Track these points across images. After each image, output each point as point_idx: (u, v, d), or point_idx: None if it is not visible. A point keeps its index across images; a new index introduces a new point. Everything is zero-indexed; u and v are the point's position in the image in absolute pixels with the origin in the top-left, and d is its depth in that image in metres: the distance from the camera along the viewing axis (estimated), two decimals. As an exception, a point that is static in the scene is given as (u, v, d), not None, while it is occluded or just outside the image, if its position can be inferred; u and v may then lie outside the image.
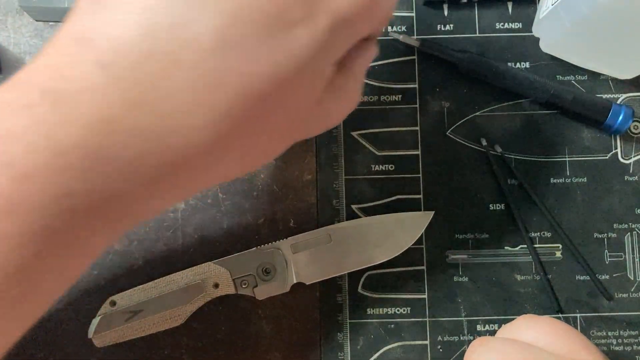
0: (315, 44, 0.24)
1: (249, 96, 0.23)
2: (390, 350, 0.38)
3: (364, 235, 0.38)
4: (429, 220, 0.38)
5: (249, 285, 0.37)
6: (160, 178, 0.23)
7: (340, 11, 0.24)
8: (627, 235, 0.39)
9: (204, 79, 0.22)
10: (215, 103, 0.23)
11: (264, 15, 0.23)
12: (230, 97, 0.23)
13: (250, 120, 0.24)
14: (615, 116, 0.38)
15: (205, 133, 0.23)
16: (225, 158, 0.25)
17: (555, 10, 0.36)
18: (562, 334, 0.29)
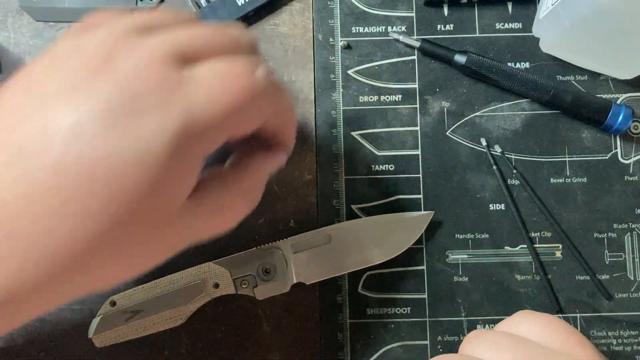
0: (168, 136, 0.23)
1: (106, 187, 0.23)
2: (390, 350, 0.38)
3: (364, 235, 0.38)
4: (429, 221, 0.38)
5: (249, 285, 0.37)
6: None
7: (196, 109, 0.24)
8: (627, 235, 0.39)
9: (50, 170, 0.22)
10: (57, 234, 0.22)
11: (122, 104, 0.23)
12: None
13: (114, 208, 0.23)
14: (615, 116, 0.38)
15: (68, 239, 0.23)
16: (80, 279, 0.24)
17: (555, 10, 0.36)
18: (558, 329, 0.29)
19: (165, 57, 0.24)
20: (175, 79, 0.24)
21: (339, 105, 0.40)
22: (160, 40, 0.24)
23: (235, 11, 0.40)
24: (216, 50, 0.26)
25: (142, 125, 0.23)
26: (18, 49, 0.40)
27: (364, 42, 0.40)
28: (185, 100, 0.24)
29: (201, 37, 0.26)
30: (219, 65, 0.25)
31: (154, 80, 0.23)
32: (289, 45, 0.41)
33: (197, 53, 0.25)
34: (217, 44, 0.26)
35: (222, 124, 0.25)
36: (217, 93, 0.24)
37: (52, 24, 0.40)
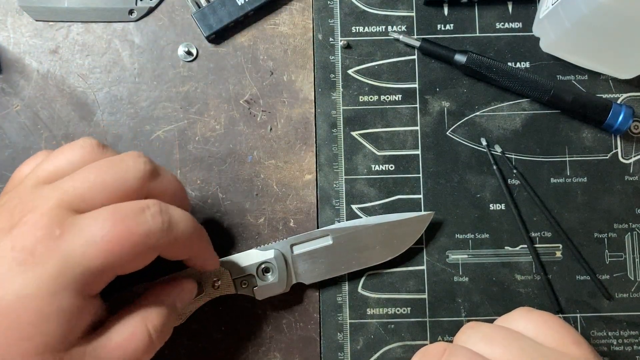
0: (41, 284, 0.26)
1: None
2: (390, 350, 0.38)
3: (364, 236, 0.38)
4: (429, 222, 0.38)
5: (249, 285, 0.37)
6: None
7: (71, 258, 0.26)
8: (627, 235, 0.39)
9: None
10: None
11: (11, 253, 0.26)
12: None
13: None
14: (616, 116, 0.38)
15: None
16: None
17: (555, 10, 0.36)
18: (554, 327, 0.29)
19: (54, 209, 0.27)
20: (57, 232, 0.27)
21: (339, 105, 0.40)
22: (52, 193, 0.28)
23: (235, 11, 0.40)
24: (105, 195, 0.28)
25: (28, 270, 0.26)
26: (18, 48, 0.40)
27: (364, 42, 0.40)
28: (61, 249, 0.26)
29: (91, 185, 0.28)
30: (100, 216, 0.27)
31: (41, 231, 0.26)
32: (289, 45, 0.40)
33: (87, 201, 0.28)
34: (106, 189, 0.28)
35: (102, 270, 0.27)
36: (94, 242, 0.27)
37: (52, 24, 0.40)
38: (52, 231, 0.27)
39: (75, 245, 0.27)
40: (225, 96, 0.40)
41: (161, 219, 0.28)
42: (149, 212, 0.28)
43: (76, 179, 0.28)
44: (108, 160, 0.29)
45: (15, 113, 0.39)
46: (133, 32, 0.40)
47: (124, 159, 0.29)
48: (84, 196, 0.28)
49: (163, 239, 0.28)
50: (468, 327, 0.30)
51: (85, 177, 0.28)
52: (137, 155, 0.30)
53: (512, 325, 0.30)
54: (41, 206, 0.27)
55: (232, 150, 0.40)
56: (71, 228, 0.27)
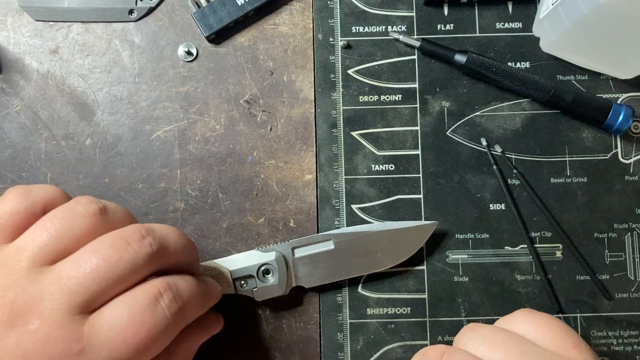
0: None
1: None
2: (390, 350, 0.38)
3: (366, 242, 0.38)
4: (432, 231, 0.38)
5: (249, 286, 0.37)
6: None
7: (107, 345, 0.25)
8: (627, 235, 0.39)
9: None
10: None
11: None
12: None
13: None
14: (616, 116, 0.38)
15: None
16: None
17: (556, 10, 0.36)
18: (555, 330, 0.29)
19: (65, 313, 0.25)
20: (75, 348, 0.25)
21: (339, 105, 0.40)
22: (59, 291, 0.25)
23: (235, 11, 0.40)
24: (115, 284, 0.26)
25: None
26: (18, 48, 0.40)
27: (364, 42, 0.40)
28: (92, 354, 0.25)
29: (101, 281, 0.26)
30: (118, 312, 0.26)
31: (58, 349, 0.24)
32: (289, 45, 0.40)
33: (98, 298, 0.26)
34: (114, 278, 0.26)
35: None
36: (120, 346, 0.25)
37: (52, 24, 0.40)
38: (71, 347, 0.25)
39: (99, 355, 0.25)
40: (225, 96, 0.40)
41: (176, 306, 0.27)
42: (163, 303, 0.27)
43: (83, 275, 0.26)
44: (112, 247, 0.27)
45: (15, 113, 0.39)
46: (133, 32, 0.40)
47: (130, 243, 0.27)
48: (95, 294, 0.26)
49: (181, 323, 0.28)
50: (468, 329, 0.30)
51: (93, 274, 0.26)
52: (140, 238, 0.28)
53: (513, 327, 0.30)
54: (49, 312, 0.25)
55: (232, 150, 0.40)
56: (91, 342, 0.25)
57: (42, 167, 0.39)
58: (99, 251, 0.26)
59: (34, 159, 0.39)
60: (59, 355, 0.25)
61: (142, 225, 0.28)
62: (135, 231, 0.28)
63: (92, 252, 0.26)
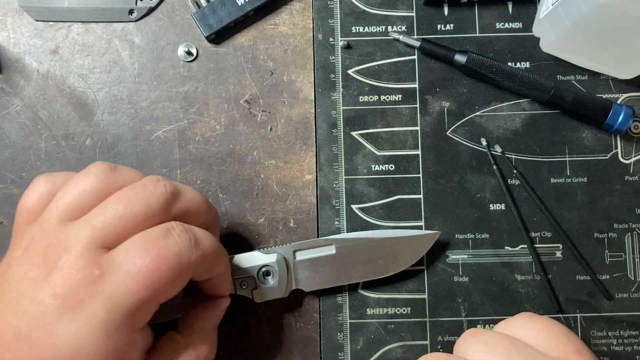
0: (99, 323, 0.27)
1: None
2: (390, 350, 0.38)
3: (368, 249, 0.37)
4: (434, 241, 0.38)
5: (248, 287, 0.37)
6: None
7: (116, 297, 0.27)
8: (627, 235, 0.39)
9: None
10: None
11: (52, 305, 0.27)
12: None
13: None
14: (616, 116, 0.38)
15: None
16: None
17: (556, 10, 0.36)
18: (556, 335, 0.29)
19: (88, 250, 0.28)
20: (96, 272, 0.27)
21: (339, 105, 0.40)
22: (83, 231, 0.28)
23: (235, 11, 0.40)
24: (133, 225, 0.29)
25: (76, 319, 0.27)
26: (18, 48, 0.40)
27: (364, 42, 0.40)
28: (105, 290, 0.27)
29: (120, 218, 0.28)
30: (133, 247, 0.28)
31: (80, 276, 0.27)
32: (289, 45, 0.40)
33: (118, 235, 0.28)
34: (134, 220, 0.29)
35: (147, 300, 0.28)
36: (134, 275, 0.27)
37: (52, 24, 0.40)
38: (92, 273, 0.27)
39: (117, 282, 0.27)
40: (225, 96, 0.40)
41: (187, 237, 0.29)
42: (175, 233, 0.29)
43: (104, 213, 0.29)
44: (131, 189, 0.30)
45: (15, 113, 0.39)
46: (133, 32, 0.40)
47: (146, 185, 0.30)
48: (115, 230, 0.28)
49: (193, 255, 0.29)
50: (469, 335, 0.30)
51: (113, 211, 0.29)
52: (156, 180, 0.30)
53: (514, 331, 0.29)
54: (74, 246, 0.28)
55: (232, 150, 0.40)
56: (109, 266, 0.27)
57: (42, 167, 0.39)
58: (119, 195, 0.29)
59: (34, 159, 0.39)
60: (81, 281, 0.27)
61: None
62: (150, 178, 0.30)
63: (114, 197, 0.29)
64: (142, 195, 0.29)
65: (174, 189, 0.31)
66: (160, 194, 0.30)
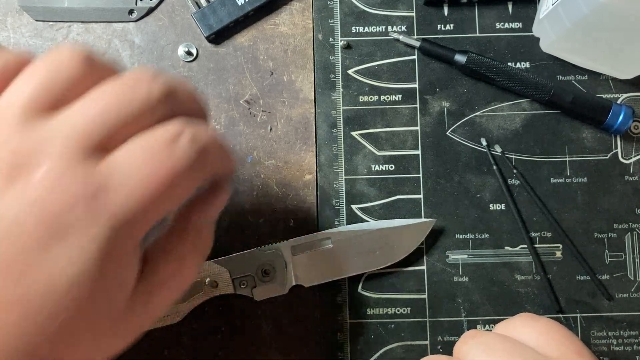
0: (97, 246, 0.22)
1: (37, 314, 0.22)
2: (390, 350, 0.38)
3: (365, 241, 0.38)
4: (430, 228, 0.38)
5: (248, 286, 0.37)
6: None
7: (119, 210, 0.22)
8: (627, 235, 0.39)
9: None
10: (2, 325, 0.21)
11: (37, 228, 0.21)
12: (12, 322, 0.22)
13: (50, 331, 0.22)
14: (616, 116, 0.38)
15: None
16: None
17: (556, 10, 0.36)
18: (557, 336, 0.28)
19: (78, 154, 0.22)
20: (92, 183, 0.22)
21: (339, 105, 0.40)
22: (61, 131, 0.22)
23: (235, 11, 0.40)
24: (129, 122, 0.23)
25: (68, 246, 0.22)
26: (18, 48, 0.40)
27: (364, 42, 0.40)
28: (107, 205, 0.22)
29: (111, 114, 0.23)
30: (134, 151, 0.23)
31: (71, 191, 0.22)
32: (289, 45, 0.41)
33: (111, 135, 0.23)
34: (128, 115, 0.23)
35: (151, 211, 0.23)
36: (138, 186, 0.23)
37: (52, 24, 0.40)
38: (83, 190, 0.22)
39: (119, 199, 0.22)
40: (225, 96, 0.40)
41: (196, 146, 0.24)
42: (183, 141, 0.24)
43: (90, 107, 0.23)
44: (118, 84, 0.24)
45: (15, 113, 0.39)
46: (133, 32, 0.40)
47: (139, 78, 0.24)
48: (106, 131, 0.23)
49: (199, 167, 0.24)
50: (469, 337, 0.30)
51: (105, 109, 0.23)
52: (151, 72, 0.24)
53: (514, 332, 0.29)
54: (56, 151, 0.22)
55: (232, 150, 0.39)
56: (107, 178, 0.22)
57: (42, 167, 0.39)
58: (107, 90, 0.23)
59: (34, 158, 0.39)
60: (70, 201, 0.21)
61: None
62: (144, 70, 0.25)
63: (100, 92, 0.23)
64: (138, 90, 0.24)
65: (171, 83, 0.25)
66: (159, 89, 0.24)
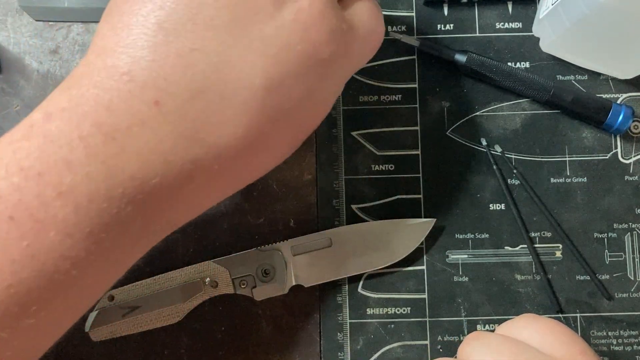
0: (338, 88, 0.29)
1: (293, 119, 0.27)
2: (390, 350, 0.38)
3: (364, 240, 0.38)
4: (430, 228, 0.38)
5: (248, 286, 0.37)
6: (204, 185, 0.26)
7: (357, 60, 0.29)
8: (627, 235, 0.39)
9: (252, 113, 0.25)
10: (265, 131, 0.26)
11: (299, 54, 0.25)
12: (279, 125, 0.26)
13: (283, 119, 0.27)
14: (616, 116, 0.38)
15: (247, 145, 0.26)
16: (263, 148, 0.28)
17: (555, 10, 0.36)
18: (560, 336, 0.28)
19: (328, 2, 0.26)
20: (342, 28, 0.26)
21: (339, 105, 0.40)
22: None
23: (235, 11, 0.39)
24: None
25: (324, 75, 0.27)
26: (18, 48, 0.40)
27: (364, 42, 0.40)
28: (350, 51, 0.27)
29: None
30: (370, 10, 0.28)
31: (330, 32, 0.26)
32: (289, 45, 0.40)
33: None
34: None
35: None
36: (371, 42, 0.29)
37: (52, 24, 0.40)
38: (339, 24, 0.27)
39: (360, 44, 0.28)
40: (225, 96, 0.40)
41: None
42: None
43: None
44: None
45: (15, 113, 0.39)
46: (133, 32, 0.40)
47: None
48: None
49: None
50: (472, 338, 0.30)
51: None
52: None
53: (517, 333, 0.29)
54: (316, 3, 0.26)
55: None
56: (350, 27, 0.28)
57: (42, 167, 0.39)
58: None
59: (34, 158, 0.39)
60: (333, 30, 0.26)
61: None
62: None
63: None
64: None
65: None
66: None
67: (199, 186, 0.26)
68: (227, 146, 0.25)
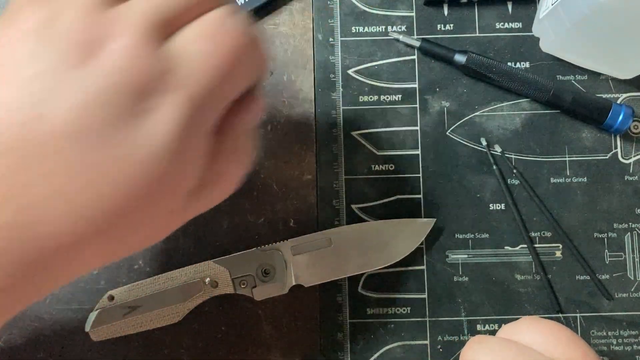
0: (177, 121, 0.23)
1: (113, 185, 0.22)
2: (390, 350, 0.38)
3: (364, 240, 0.38)
4: (430, 228, 0.38)
5: (248, 286, 0.37)
6: (35, 264, 0.23)
7: (194, 84, 0.23)
8: (627, 235, 0.39)
9: (61, 169, 0.22)
10: (76, 193, 0.22)
11: (119, 98, 0.22)
12: (93, 187, 0.22)
13: (121, 205, 0.23)
14: (615, 116, 0.38)
15: (71, 222, 0.22)
16: (104, 241, 0.24)
17: (555, 10, 0.36)
18: (563, 339, 0.28)
19: (148, 33, 0.22)
20: (164, 58, 0.22)
21: (339, 105, 0.40)
22: (136, 12, 0.22)
23: (235, 11, 0.39)
24: (192, 5, 0.24)
25: (153, 114, 0.22)
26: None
27: (364, 42, 0.40)
28: (181, 78, 0.23)
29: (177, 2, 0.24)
30: (203, 27, 0.24)
31: (145, 67, 0.22)
32: (289, 45, 0.41)
33: (176, 16, 0.23)
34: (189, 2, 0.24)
35: (222, 90, 0.24)
36: (210, 59, 0.23)
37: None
38: (153, 67, 0.22)
39: (191, 71, 0.23)
40: (225, 96, 0.40)
41: (246, 24, 0.25)
42: (232, 21, 0.24)
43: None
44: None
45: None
46: (133, 32, 0.40)
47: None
48: (170, 11, 0.23)
49: (253, 37, 0.25)
50: (475, 342, 0.30)
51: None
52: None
53: (520, 337, 0.29)
54: (125, 29, 0.22)
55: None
56: (178, 53, 0.23)
57: (42, 167, 0.39)
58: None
59: (34, 158, 0.39)
60: (149, 71, 0.22)
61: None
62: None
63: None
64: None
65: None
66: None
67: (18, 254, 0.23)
68: (37, 206, 0.22)
